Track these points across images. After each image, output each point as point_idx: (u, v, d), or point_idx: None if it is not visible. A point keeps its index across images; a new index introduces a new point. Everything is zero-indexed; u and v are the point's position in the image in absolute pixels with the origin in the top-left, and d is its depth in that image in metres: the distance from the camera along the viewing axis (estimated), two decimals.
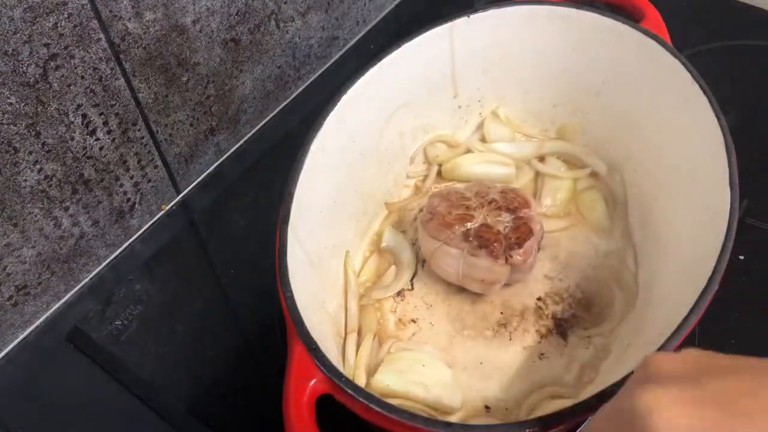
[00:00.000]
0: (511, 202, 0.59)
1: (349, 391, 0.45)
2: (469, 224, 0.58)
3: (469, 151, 0.71)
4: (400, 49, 0.63)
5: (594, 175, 0.68)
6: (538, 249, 0.60)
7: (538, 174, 0.69)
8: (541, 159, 0.70)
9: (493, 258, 0.56)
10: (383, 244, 0.65)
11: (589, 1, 0.66)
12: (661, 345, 0.44)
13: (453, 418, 0.53)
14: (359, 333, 0.59)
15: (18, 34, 0.51)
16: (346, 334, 0.59)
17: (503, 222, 0.58)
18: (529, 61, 0.69)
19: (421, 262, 0.64)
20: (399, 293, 0.62)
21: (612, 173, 0.67)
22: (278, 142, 0.78)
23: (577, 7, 0.64)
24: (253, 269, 0.68)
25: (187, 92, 0.68)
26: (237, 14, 0.68)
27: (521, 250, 0.56)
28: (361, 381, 0.55)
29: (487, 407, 0.55)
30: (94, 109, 0.59)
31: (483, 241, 0.56)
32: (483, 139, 0.72)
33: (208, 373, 0.62)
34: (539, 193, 0.68)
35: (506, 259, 0.56)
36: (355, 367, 0.56)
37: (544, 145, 0.70)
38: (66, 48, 0.54)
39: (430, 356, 0.56)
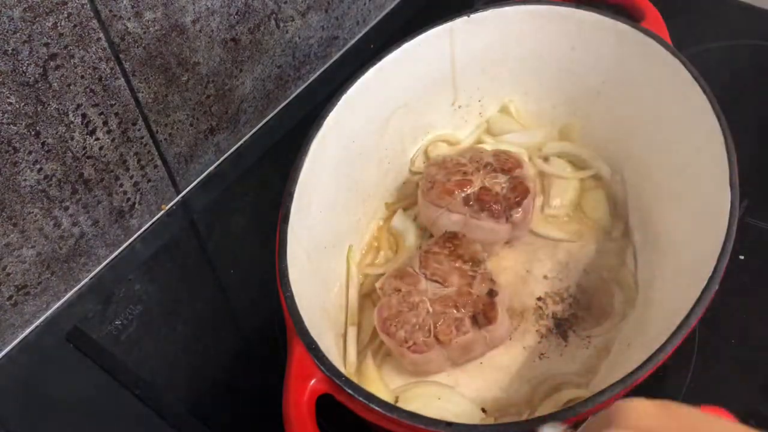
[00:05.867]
0: (505, 164, 0.62)
1: (349, 390, 0.45)
2: (468, 189, 0.60)
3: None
4: (400, 49, 0.63)
5: (596, 175, 0.68)
6: (533, 206, 0.63)
7: (545, 174, 0.69)
8: (545, 159, 0.70)
9: (495, 219, 0.59)
10: (392, 223, 0.67)
11: (589, 0, 0.66)
12: (661, 345, 0.44)
13: None
14: (359, 327, 0.60)
15: (18, 34, 0.50)
16: (346, 328, 0.59)
17: (500, 183, 0.61)
18: (529, 61, 0.68)
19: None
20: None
21: (613, 173, 0.67)
22: (278, 142, 0.78)
23: (577, 7, 0.64)
24: (253, 269, 0.68)
25: (187, 92, 0.67)
26: (237, 14, 0.68)
27: (520, 209, 0.60)
28: (359, 375, 0.55)
29: (483, 409, 0.54)
30: (94, 108, 0.59)
31: (483, 203, 0.60)
32: (488, 134, 0.72)
33: (208, 373, 0.62)
34: (547, 194, 0.67)
35: (507, 219, 0.60)
36: (356, 357, 0.56)
37: (547, 144, 0.70)
38: (66, 48, 0.54)
39: (448, 390, 0.55)
